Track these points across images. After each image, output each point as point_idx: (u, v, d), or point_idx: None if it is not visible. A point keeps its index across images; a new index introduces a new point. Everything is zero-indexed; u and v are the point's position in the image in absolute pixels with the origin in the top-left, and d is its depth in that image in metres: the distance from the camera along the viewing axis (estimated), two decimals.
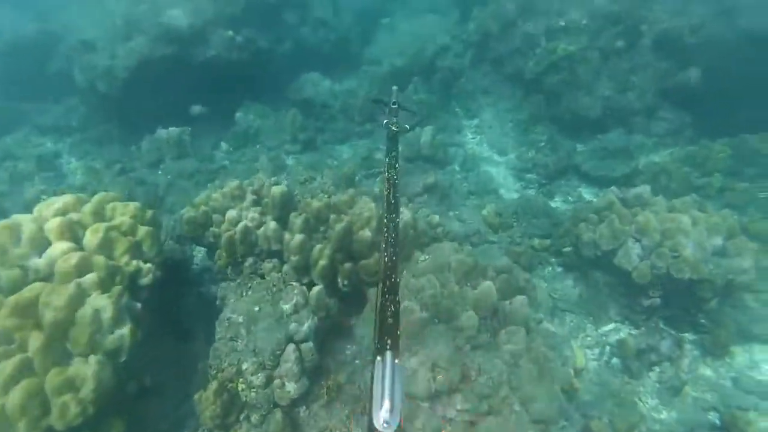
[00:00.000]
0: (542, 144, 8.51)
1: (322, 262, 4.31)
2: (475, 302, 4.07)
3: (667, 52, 8.08)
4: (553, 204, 7.53)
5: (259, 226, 4.50)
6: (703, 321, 4.97)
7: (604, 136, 8.29)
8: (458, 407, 3.78)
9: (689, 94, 8.00)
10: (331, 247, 4.37)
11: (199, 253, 5.60)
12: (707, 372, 4.86)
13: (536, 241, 6.15)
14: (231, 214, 4.48)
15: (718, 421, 4.44)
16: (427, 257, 4.57)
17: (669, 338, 4.86)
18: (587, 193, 7.72)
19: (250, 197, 4.61)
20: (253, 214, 4.50)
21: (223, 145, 9.04)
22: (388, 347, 1.23)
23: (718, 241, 4.96)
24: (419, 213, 5.48)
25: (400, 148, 3.14)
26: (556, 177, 7.94)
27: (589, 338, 5.22)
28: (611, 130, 8.36)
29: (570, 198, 7.68)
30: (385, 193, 2.51)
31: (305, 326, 3.85)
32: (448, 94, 9.82)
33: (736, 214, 6.61)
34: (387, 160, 2.91)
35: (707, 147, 7.46)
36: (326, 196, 4.87)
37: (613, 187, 5.76)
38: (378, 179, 7.97)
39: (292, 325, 3.89)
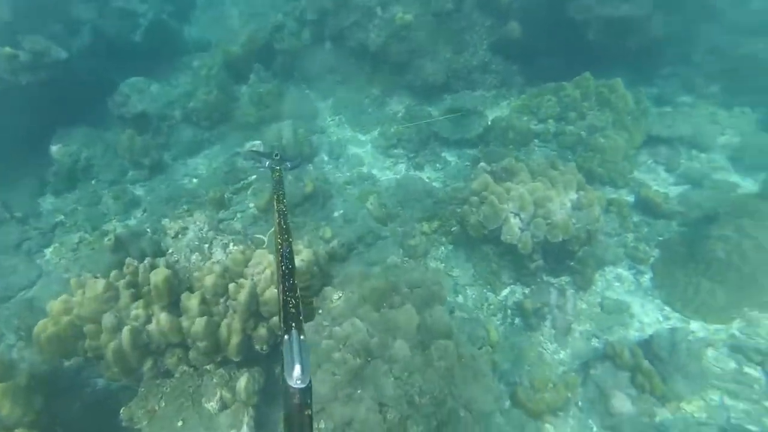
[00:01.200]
0: (400, 115, 8.62)
1: (235, 340, 3.92)
2: (402, 331, 4.12)
3: (489, 10, 8.53)
4: (424, 176, 7.81)
5: (147, 322, 3.85)
6: (573, 265, 5.76)
7: (453, 97, 8.69)
8: None
9: (514, 45, 8.66)
10: (240, 320, 3.97)
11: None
12: (583, 306, 5.73)
13: (425, 226, 6.36)
14: (108, 320, 3.72)
15: (601, 346, 5.33)
16: (340, 294, 4.43)
17: (554, 290, 5.58)
18: (451, 157, 8.13)
19: (126, 294, 3.86)
20: (136, 311, 3.81)
21: (48, 194, 7.38)
22: (293, 327, 1.36)
23: (573, 195, 5.67)
24: (318, 247, 5.20)
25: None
26: (421, 148, 8.17)
27: (492, 306, 5.73)
28: (458, 90, 8.78)
29: (438, 165, 8.01)
30: (276, 221, 2.38)
31: (244, 428, 3.53)
32: (294, 78, 9.21)
33: (570, 152, 7.70)
34: (275, 195, 2.75)
35: (537, 95, 8.29)
36: (216, 263, 4.30)
37: (482, 164, 6.12)
38: (249, 191, 7.36)
39: None
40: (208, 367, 3.97)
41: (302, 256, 4.54)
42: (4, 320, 5.53)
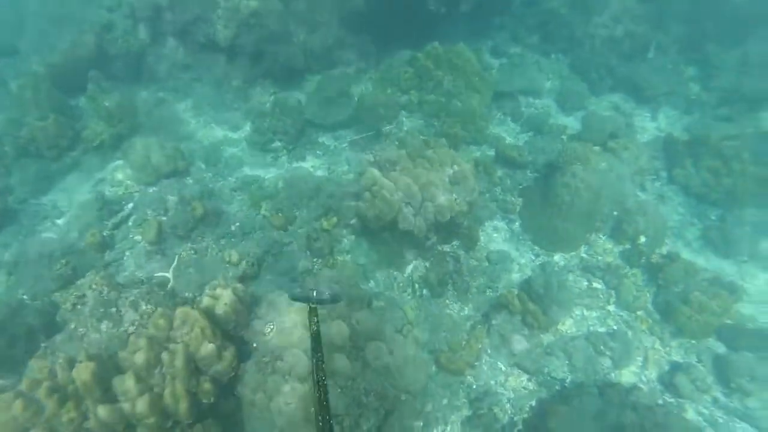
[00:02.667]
0: (267, 106, 8.32)
1: (184, 405, 3.89)
2: (336, 346, 4.46)
3: None
4: (307, 165, 7.84)
5: (83, 422, 3.60)
6: (461, 231, 6.54)
7: (317, 78, 8.61)
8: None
9: (363, 19, 8.71)
10: (183, 385, 3.92)
11: None
12: (474, 263, 6.62)
13: (325, 223, 6.55)
14: None
15: (494, 295, 6.31)
16: (271, 327, 4.54)
17: (450, 258, 6.33)
18: (328, 141, 8.21)
19: (51, 401, 3.51)
20: (67, 415, 3.52)
21: None
22: None
23: (449, 171, 6.30)
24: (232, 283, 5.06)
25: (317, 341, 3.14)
26: (298, 137, 8.09)
27: (400, 284, 6.31)
28: (319, 71, 8.69)
29: (318, 152, 8.07)
30: (316, 396, 2.55)
31: None
32: (143, 81, 8.17)
33: (435, 119, 8.31)
34: (314, 361, 2.87)
35: (395, 67, 8.63)
36: (134, 333, 4.05)
37: (368, 156, 6.39)
38: (131, 223, 6.71)
39: None
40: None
41: (224, 300, 4.50)
42: None
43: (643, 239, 6.74)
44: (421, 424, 4.84)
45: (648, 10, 9.31)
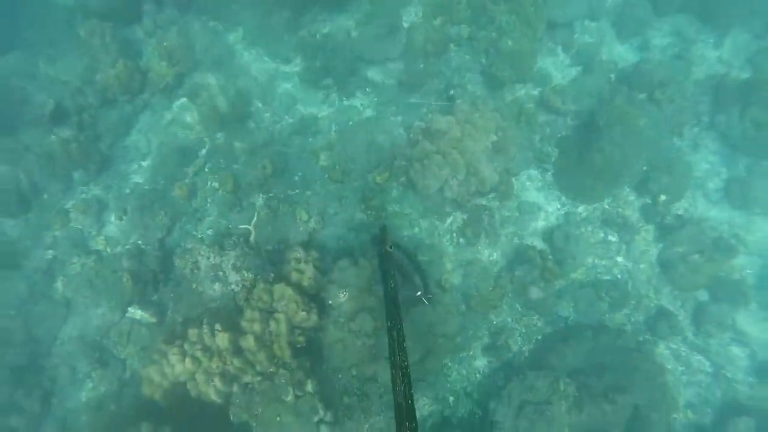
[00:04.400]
0: (318, 38, 8.26)
1: (287, 352, 5.51)
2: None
3: None
4: (357, 103, 8.18)
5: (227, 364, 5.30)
6: (499, 188, 7.27)
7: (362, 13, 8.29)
8: None
9: None
10: (285, 339, 5.48)
11: None
12: (506, 213, 7.49)
13: (378, 178, 7.33)
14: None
15: (521, 242, 7.35)
16: (344, 293, 5.86)
17: (486, 215, 7.21)
18: (377, 77, 8.33)
19: (205, 357, 5.15)
20: (216, 363, 5.19)
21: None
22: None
23: (493, 137, 6.76)
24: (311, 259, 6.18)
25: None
26: (348, 75, 8.24)
27: (441, 231, 7.37)
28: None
29: (368, 89, 8.30)
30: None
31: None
32: (192, 10, 8.08)
33: (484, 56, 8.18)
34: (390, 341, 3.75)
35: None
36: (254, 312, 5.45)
37: (418, 123, 6.80)
38: (206, 170, 7.64)
39: None
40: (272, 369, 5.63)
41: (308, 274, 5.77)
42: (68, 357, 6.61)
43: (663, 198, 7.34)
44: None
45: None
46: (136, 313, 6.53)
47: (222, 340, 5.10)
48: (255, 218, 6.94)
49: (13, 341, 6.40)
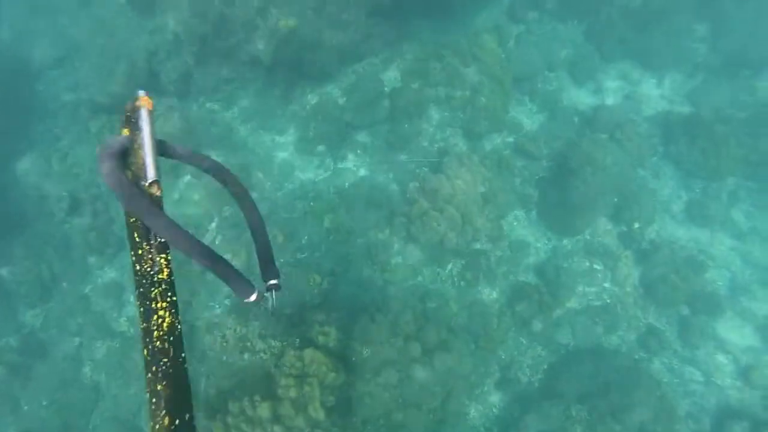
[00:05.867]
0: (308, 108, 8.90)
1: (321, 413, 5.81)
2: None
3: None
4: (350, 165, 8.78)
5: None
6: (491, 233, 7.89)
7: (350, 70, 9.01)
8: None
9: (385, 8, 8.70)
10: (318, 400, 5.79)
11: None
12: (499, 254, 8.08)
13: (379, 234, 7.85)
14: None
15: (516, 278, 7.93)
16: (367, 350, 6.25)
17: (482, 259, 7.78)
18: (366, 139, 8.97)
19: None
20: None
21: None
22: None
23: (481, 189, 7.42)
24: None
25: None
26: (340, 139, 8.87)
27: (443, 277, 7.88)
28: (350, 64, 9.03)
29: (359, 151, 8.92)
30: None
31: None
32: (191, 94, 8.63)
33: (461, 112, 8.95)
34: None
35: (420, 60, 8.94)
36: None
37: (413, 184, 7.42)
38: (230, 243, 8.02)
39: None
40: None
41: (332, 336, 6.15)
42: None
43: (636, 225, 8.10)
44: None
45: None
46: None
47: (263, 410, 5.39)
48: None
49: (48, 431, 6.48)
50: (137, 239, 1.61)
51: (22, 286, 7.12)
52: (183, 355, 1.47)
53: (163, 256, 1.60)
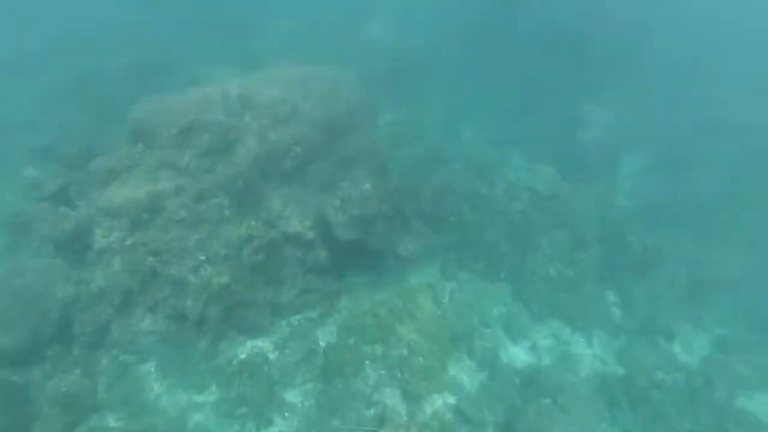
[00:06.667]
0: (234, 364, 8.19)
1: None
2: None
3: (298, 245, 8.84)
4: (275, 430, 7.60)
5: None
6: None
7: (284, 323, 8.70)
8: None
9: (323, 267, 9.15)
10: None
11: None
12: None
13: None
14: None
15: None
16: None
17: None
18: (296, 399, 8.06)
19: None
20: None
21: None
22: None
23: None
24: None
25: None
26: (265, 402, 7.92)
27: None
28: (285, 317, 8.83)
29: (286, 414, 7.88)
30: None
31: None
32: (104, 347, 7.85)
33: (398, 371, 8.48)
34: None
35: (356, 316, 8.96)
36: None
37: None
38: None
39: None
40: None
41: None
42: None
43: None
44: None
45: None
46: None
47: None
48: None
49: None
50: None
51: None
52: None
53: None
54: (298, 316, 9.02)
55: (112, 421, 7.23)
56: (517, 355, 9.42)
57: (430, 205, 9.93)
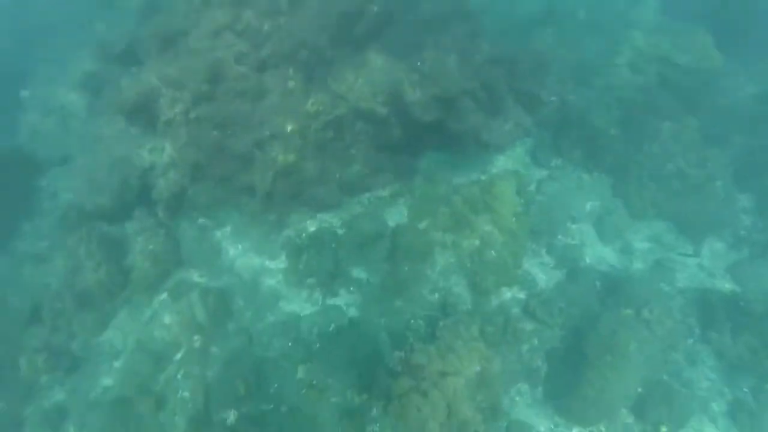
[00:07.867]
0: (303, 237, 8.30)
1: None
2: None
3: (370, 120, 7.94)
4: (341, 302, 7.87)
5: None
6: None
7: (354, 201, 8.45)
8: None
9: (396, 146, 8.30)
10: None
11: None
12: None
13: (356, 398, 6.72)
14: None
15: None
16: None
17: None
18: (362, 275, 8.14)
19: None
20: None
21: None
22: None
23: (477, 368, 6.28)
24: None
25: None
26: (333, 274, 8.08)
27: None
28: (355, 195, 8.51)
29: (352, 288, 8.04)
30: None
31: None
32: (184, 210, 8.27)
33: (468, 261, 8.05)
34: None
35: (429, 199, 8.32)
36: None
37: (401, 353, 6.43)
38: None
39: None
40: None
41: None
42: None
43: (664, 429, 6.63)
44: None
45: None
46: None
47: None
48: None
49: None
50: None
51: None
52: None
53: None
54: (368, 194, 8.63)
55: (195, 277, 7.93)
56: (605, 256, 8.44)
57: (528, 80, 8.13)
